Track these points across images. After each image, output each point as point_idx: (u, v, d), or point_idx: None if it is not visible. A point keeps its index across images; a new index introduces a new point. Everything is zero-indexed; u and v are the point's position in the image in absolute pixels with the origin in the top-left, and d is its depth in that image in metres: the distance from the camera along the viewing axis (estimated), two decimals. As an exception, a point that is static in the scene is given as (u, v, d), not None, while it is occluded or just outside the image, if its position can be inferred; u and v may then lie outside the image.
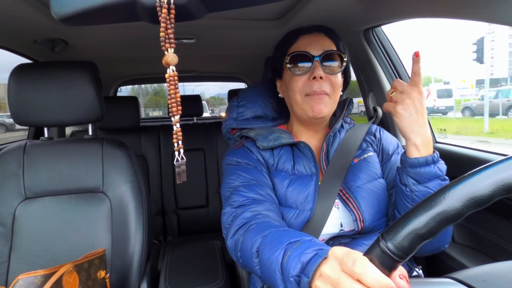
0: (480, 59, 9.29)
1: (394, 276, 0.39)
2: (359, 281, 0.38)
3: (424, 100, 0.70)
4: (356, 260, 0.38)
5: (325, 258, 0.47)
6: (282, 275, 0.54)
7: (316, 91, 0.80)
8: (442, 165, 0.72)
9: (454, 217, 0.37)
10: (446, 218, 0.37)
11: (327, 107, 0.82)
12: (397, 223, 0.38)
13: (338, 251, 0.42)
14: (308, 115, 0.83)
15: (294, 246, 0.55)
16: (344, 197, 0.81)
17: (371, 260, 0.38)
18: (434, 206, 0.37)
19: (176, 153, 0.49)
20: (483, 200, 0.37)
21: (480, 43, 9.25)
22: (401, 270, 0.40)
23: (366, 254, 0.40)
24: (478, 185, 0.37)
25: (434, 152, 0.71)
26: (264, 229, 0.65)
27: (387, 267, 0.38)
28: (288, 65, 0.83)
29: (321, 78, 0.80)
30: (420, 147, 0.70)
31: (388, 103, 0.72)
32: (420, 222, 0.37)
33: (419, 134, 0.69)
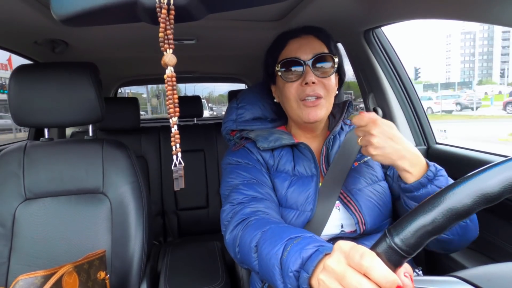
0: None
1: (399, 273, 0.38)
2: (365, 275, 0.38)
3: (385, 125, 0.69)
4: (364, 253, 0.38)
5: (326, 254, 0.47)
6: (281, 270, 0.54)
7: (310, 94, 0.80)
8: (440, 179, 0.69)
9: (463, 213, 0.36)
10: (455, 214, 0.36)
11: (322, 110, 0.82)
12: (405, 219, 0.38)
13: (344, 245, 0.42)
14: (304, 121, 0.83)
15: (295, 242, 0.54)
16: (345, 200, 0.81)
17: (378, 255, 0.38)
18: (443, 201, 0.37)
19: (174, 157, 0.48)
20: (493, 197, 0.36)
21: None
22: (406, 267, 0.39)
23: (372, 249, 0.39)
24: (488, 181, 0.37)
25: (428, 168, 0.68)
26: (264, 224, 0.65)
27: (394, 262, 0.37)
28: (279, 73, 0.83)
29: (313, 83, 0.80)
30: (411, 169, 0.68)
31: (363, 150, 0.72)
32: (429, 217, 0.37)
33: (403, 159, 0.67)
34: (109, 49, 1.53)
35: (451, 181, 0.71)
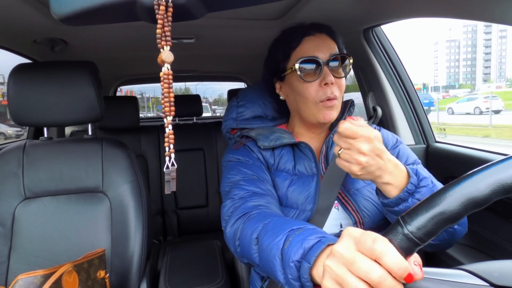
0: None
1: (409, 262, 0.37)
2: (376, 261, 0.37)
3: (377, 141, 0.62)
4: (376, 238, 0.37)
5: (329, 245, 0.46)
6: (282, 261, 0.53)
7: (330, 97, 0.79)
8: (422, 191, 0.65)
9: (482, 202, 0.36)
10: (473, 203, 0.36)
11: (336, 111, 0.82)
12: (420, 205, 0.38)
13: (354, 231, 0.41)
14: (319, 121, 0.82)
15: (297, 233, 0.53)
16: (343, 200, 0.81)
17: (390, 241, 0.37)
18: (462, 189, 0.37)
19: (167, 158, 0.46)
20: (510, 188, 0.36)
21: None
22: (415, 256, 0.38)
23: (384, 235, 0.38)
24: (507, 171, 0.36)
25: (408, 180, 0.65)
26: (265, 217, 0.64)
27: (405, 250, 0.37)
28: (298, 72, 0.80)
29: (332, 83, 0.79)
30: (393, 181, 0.64)
31: (340, 162, 0.64)
32: (446, 204, 0.36)
33: (386, 173, 0.63)
34: (108, 48, 1.53)
35: (436, 188, 0.67)
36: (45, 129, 1.13)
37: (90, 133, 1.17)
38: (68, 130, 2.32)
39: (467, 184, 0.37)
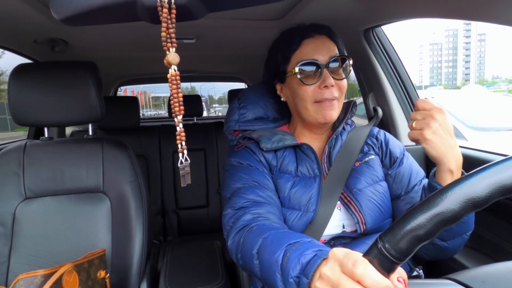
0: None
1: (393, 278, 0.39)
2: (359, 282, 0.38)
3: (448, 118, 0.67)
4: (356, 261, 0.39)
5: (325, 259, 0.47)
6: (282, 277, 0.54)
7: (328, 98, 0.80)
8: None
9: (451, 219, 0.37)
10: (443, 220, 0.37)
11: (336, 111, 0.83)
12: (395, 225, 0.38)
13: (338, 252, 0.42)
14: (319, 122, 0.83)
15: (294, 247, 0.55)
16: (345, 200, 0.81)
17: (370, 262, 0.38)
18: (431, 208, 0.37)
19: (180, 154, 0.48)
20: (480, 202, 0.37)
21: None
22: (399, 272, 0.40)
23: (365, 255, 0.40)
24: (475, 186, 0.37)
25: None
26: (264, 231, 0.65)
27: (386, 269, 0.38)
28: (298, 75, 0.81)
29: (331, 86, 0.80)
30: (455, 171, 0.67)
31: (413, 131, 0.69)
32: (417, 224, 0.37)
33: (453, 157, 0.66)
34: (109, 48, 1.53)
35: None
36: (45, 129, 1.14)
37: (90, 133, 1.17)
38: (68, 130, 2.32)
39: (437, 202, 0.38)
